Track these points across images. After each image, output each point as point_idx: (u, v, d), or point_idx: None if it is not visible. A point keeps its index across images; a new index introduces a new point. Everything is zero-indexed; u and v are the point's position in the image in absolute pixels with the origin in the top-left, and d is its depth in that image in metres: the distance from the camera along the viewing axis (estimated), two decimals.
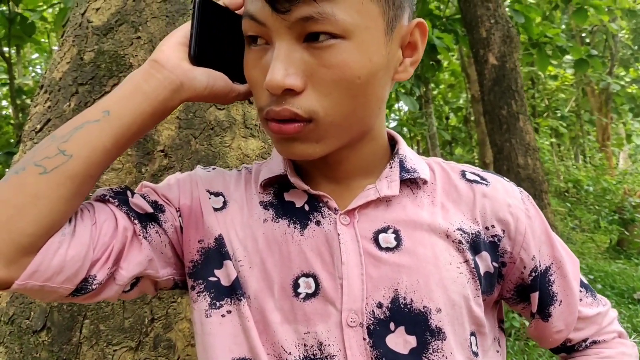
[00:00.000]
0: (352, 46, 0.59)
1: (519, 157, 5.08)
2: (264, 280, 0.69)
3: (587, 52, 7.91)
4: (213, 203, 0.76)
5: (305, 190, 0.72)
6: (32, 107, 1.49)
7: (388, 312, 0.66)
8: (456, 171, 0.78)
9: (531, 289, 0.76)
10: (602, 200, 9.58)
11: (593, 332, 0.80)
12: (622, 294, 6.20)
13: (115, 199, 0.69)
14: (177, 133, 1.32)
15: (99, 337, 1.17)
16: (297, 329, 0.67)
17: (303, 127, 0.61)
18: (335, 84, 0.60)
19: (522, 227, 0.73)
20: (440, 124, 14.72)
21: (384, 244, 0.69)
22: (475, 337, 0.70)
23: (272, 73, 0.58)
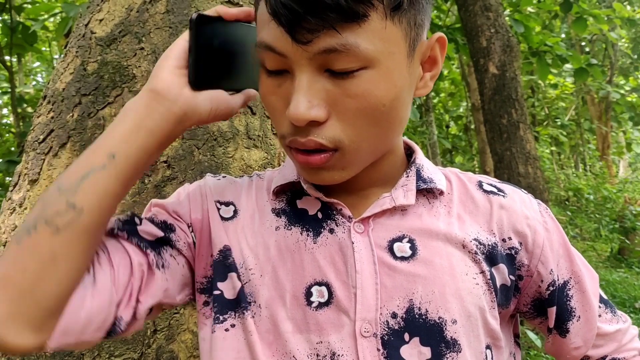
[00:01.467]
0: (376, 74, 0.58)
1: (520, 166, 5.08)
2: (275, 289, 0.68)
3: (586, 60, 7.93)
4: (223, 213, 0.74)
5: (318, 198, 0.71)
6: (35, 117, 1.49)
7: (403, 323, 0.65)
8: (473, 182, 0.77)
9: (548, 304, 0.75)
10: (603, 208, 9.57)
11: (612, 349, 0.78)
12: (624, 302, 6.18)
13: (123, 231, 0.68)
14: (180, 144, 1.32)
15: (102, 349, 1.16)
16: (309, 338, 0.66)
17: (330, 157, 0.61)
18: (359, 112, 0.59)
19: (540, 239, 0.72)
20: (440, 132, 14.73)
21: (399, 253, 0.68)
22: (491, 350, 0.69)
23: (296, 106, 0.57)
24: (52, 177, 1.33)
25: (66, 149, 1.35)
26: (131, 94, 1.38)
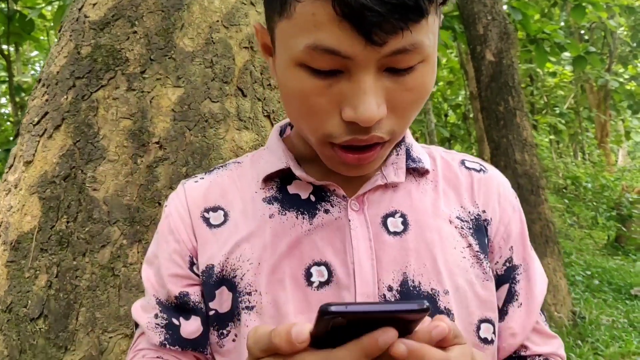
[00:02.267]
0: (429, 66, 0.60)
1: (516, 153, 5.10)
2: (274, 273, 0.69)
3: (585, 49, 7.92)
4: (213, 220, 0.74)
5: (310, 182, 0.72)
6: (30, 100, 1.51)
7: (398, 295, 0.67)
8: (457, 160, 0.79)
9: (503, 280, 0.76)
10: (601, 197, 9.60)
11: (549, 352, 0.78)
12: (620, 289, 6.23)
13: (175, 345, 0.71)
14: (172, 125, 1.34)
15: (95, 325, 1.19)
16: (312, 318, 0.66)
17: (380, 150, 0.62)
18: (413, 104, 0.60)
19: (507, 218, 0.76)
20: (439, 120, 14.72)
21: (392, 228, 0.70)
22: (491, 324, 0.71)
23: (367, 108, 0.56)
24: (47, 159, 1.36)
25: (60, 131, 1.37)
26: (124, 77, 1.40)
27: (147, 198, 1.28)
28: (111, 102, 1.37)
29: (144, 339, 0.74)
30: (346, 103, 0.57)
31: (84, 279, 1.23)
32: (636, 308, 5.42)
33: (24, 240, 1.29)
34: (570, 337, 4.48)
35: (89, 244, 1.26)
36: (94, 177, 1.31)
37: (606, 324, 4.82)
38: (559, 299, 4.91)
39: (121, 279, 1.23)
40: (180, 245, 0.73)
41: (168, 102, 1.37)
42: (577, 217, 10.13)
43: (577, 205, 10.37)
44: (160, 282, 0.73)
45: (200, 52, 1.43)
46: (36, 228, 1.29)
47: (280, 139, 0.76)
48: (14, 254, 1.28)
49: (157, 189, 1.29)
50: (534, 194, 5.03)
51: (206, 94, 1.39)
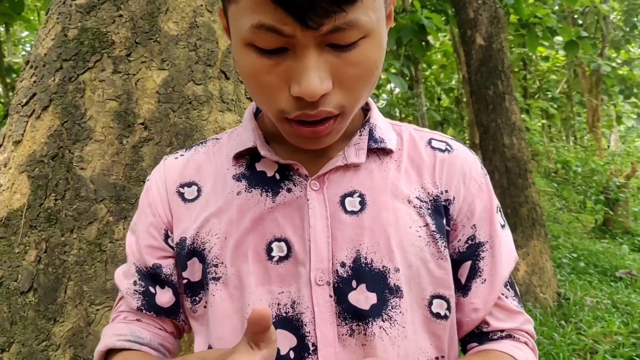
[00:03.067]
0: (372, 42, 0.62)
1: (505, 137, 5.15)
2: (239, 247, 0.73)
3: (577, 33, 7.94)
4: (188, 195, 0.79)
5: (276, 161, 0.76)
6: (18, 82, 1.54)
7: (350, 271, 0.70)
8: (425, 139, 0.81)
9: (465, 257, 0.78)
10: (590, 181, 9.69)
11: (512, 328, 0.79)
12: (605, 272, 6.33)
13: (150, 311, 0.78)
14: (156, 107, 1.38)
15: (83, 298, 1.24)
16: (271, 290, 0.71)
17: (334, 123, 0.65)
18: (359, 78, 0.63)
19: (471, 197, 0.77)
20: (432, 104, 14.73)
21: (350, 208, 0.73)
22: (444, 300, 0.73)
23: (310, 83, 0.59)
24: (35, 139, 1.40)
25: (48, 112, 1.41)
26: (110, 60, 1.44)
27: (132, 177, 1.33)
28: (97, 84, 1.41)
29: (124, 302, 0.80)
30: (292, 79, 0.60)
31: (72, 254, 1.28)
32: (620, 290, 5.52)
33: (13, 217, 1.34)
34: (555, 318, 4.58)
35: (77, 221, 1.30)
36: (81, 157, 1.35)
37: (590, 305, 4.91)
38: (544, 280, 5.00)
39: (108, 254, 1.28)
40: (157, 219, 0.79)
41: (153, 84, 1.41)
42: (566, 200, 10.23)
43: (566, 189, 10.48)
44: (139, 251, 0.79)
45: (185, 36, 1.47)
46: (25, 205, 1.34)
47: (252, 117, 0.80)
48: (3, 231, 1.33)
49: (142, 168, 1.34)
50: (521, 177, 5.09)
51: (190, 77, 1.43)
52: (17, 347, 1.23)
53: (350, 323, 0.70)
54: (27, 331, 1.23)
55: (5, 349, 1.23)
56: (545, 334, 4.19)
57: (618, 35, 15.37)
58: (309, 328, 0.70)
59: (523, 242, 5.02)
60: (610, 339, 4.16)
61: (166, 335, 0.80)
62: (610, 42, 14.57)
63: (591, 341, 4.05)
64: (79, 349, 1.22)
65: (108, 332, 0.78)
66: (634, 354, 3.77)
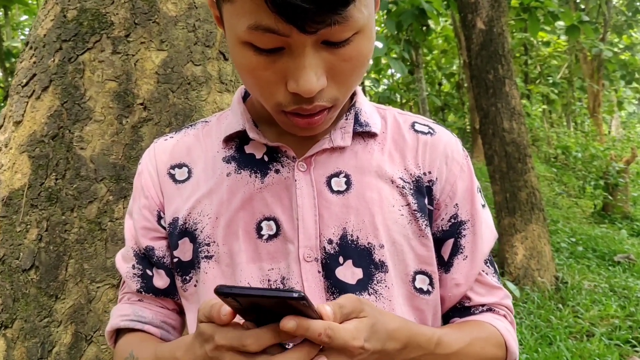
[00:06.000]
0: (364, 36, 0.63)
1: (504, 121, 5.15)
2: (229, 226, 0.76)
3: (579, 18, 7.91)
4: (178, 176, 0.81)
5: (265, 144, 0.78)
6: (18, 63, 1.55)
7: (337, 248, 0.74)
8: (408, 122, 0.83)
9: (448, 235, 0.81)
10: (590, 166, 9.69)
11: (492, 302, 0.83)
12: (603, 256, 6.36)
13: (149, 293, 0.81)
14: (155, 87, 1.39)
15: (84, 275, 1.26)
16: (261, 266, 0.74)
17: (327, 114, 0.68)
18: (352, 72, 0.66)
19: (452, 178, 0.80)
20: (432, 89, 14.70)
21: (336, 187, 0.76)
22: (426, 276, 0.77)
23: (307, 81, 0.61)
24: (35, 119, 1.41)
25: (48, 92, 1.42)
26: (109, 40, 1.44)
27: (132, 157, 1.35)
28: (97, 65, 1.42)
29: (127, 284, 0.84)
30: (289, 77, 0.63)
31: (73, 232, 1.30)
32: (617, 274, 5.56)
33: (15, 197, 1.36)
34: (552, 301, 4.62)
35: (77, 200, 1.32)
36: (81, 137, 1.36)
37: (588, 289, 4.95)
38: (542, 264, 5.03)
39: (108, 232, 1.30)
40: (149, 201, 0.81)
41: (152, 65, 1.42)
42: (565, 186, 10.25)
43: (566, 175, 10.49)
44: (136, 235, 0.82)
45: (183, 17, 1.48)
46: (26, 185, 1.36)
47: (241, 101, 0.82)
48: (5, 210, 1.35)
49: (141, 148, 1.35)
50: (520, 162, 5.10)
51: (189, 58, 1.44)
52: (19, 323, 1.25)
53: (338, 297, 0.71)
54: (29, 308, 1.25)
55: (8, 325, 1.25)
56: (543, 316, 4.23)
57: (620, 19, 15.28)
58: None
59: (522, 226, 5.04)
60: (607, 322, 4.20)
61: (168, 313, 0.83)
62: (612, 27, 14.49)
63: (588, 324, 4.09)
64: (80, 325, 1.25)
65: (114, 314, 0.82)
66: (630, 337, 3.81)
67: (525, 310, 4.42)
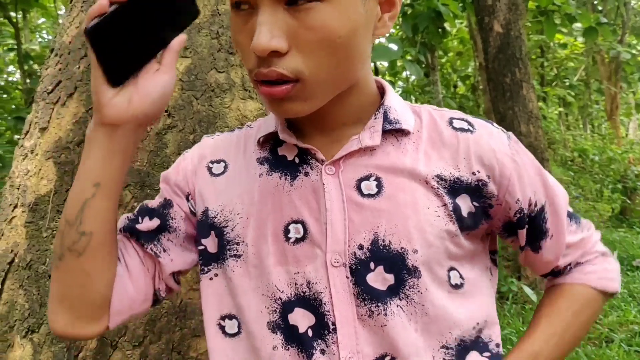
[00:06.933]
0: (330, 8, 0.63)
1: (522, 125, 5.12)
2: (259, 228, 0.77)
3: (596, 19, 7.83)
4: (215, 170, 0.84)
5: (295, 144, 0.78)
6: (43, 69, 1.57)
7: (368, 253, 0.72)
8: (445, 119, 0.81)
9: (518, 226, 0.81)
10: (607, 169, 9.59)
11: (578, 256, 0.86)
12: (622, 261, 6.28)
13: (127, 231, 0.84)
14: (180, 94, 1.40)
15: None
16: (288, 270, 0.74)
17: (292, 88, 0.66)
18: (317, 44, 0.64)
19: (507, 172, 0.77)
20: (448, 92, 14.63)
21: (366, 191, 0.74)
22: (457, 270, 0.76)
23: (258, 37, 0.62)
24: (61, 125, 1.42)
25: (73, 99, 1.44)
26: None
27: (156, 163, 1.35)
28: None
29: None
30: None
31: None
32: (637, 279, 5.49)
33: (41, 203, 1.37)
34: None
35: None
36: None
37: None
38: None
39: None
40: (183, 182, 0.86)
41: (176, 72, 1.43)
42: (582, 189, 10.14)
43: (583, 178, 10.38)
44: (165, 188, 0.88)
45: (207, 24, 1.49)
46: (52, 191, 1.37)
47: None
48: (32, 215, 1.36)
49: (166, 155, 1.36)
50: None
51: (212, 65, 1.45)
52: (46, 328, 1.26)
53: (370, 304, 0.72)
54: None
55: (35, 330, 1.26)
56: None
57: (639, 21, 15.10)
58: (328, 307, 0.73)
59: None
60: (626, 328, 4.15)
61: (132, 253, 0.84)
62: (630, 29, 14.31)
63: (607, 330, 4.04)
64: None
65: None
66: None
67: None
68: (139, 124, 0.71)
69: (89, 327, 0.77)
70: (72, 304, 0.75)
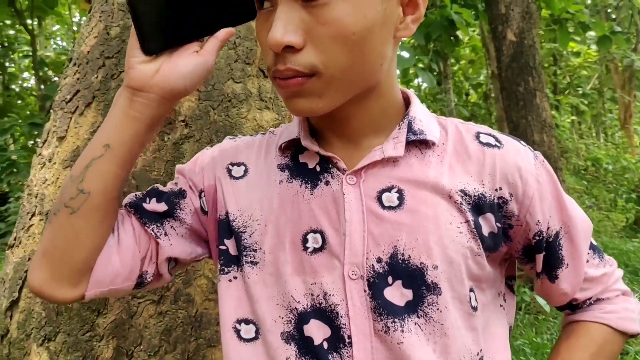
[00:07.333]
0: (346, 4, 0.63)
1: (535, 134, 5.09)
2: (277, 236, 0.75)
3: (610, 28, 7.78)
4: (235, 173, 0.83)
5: (317, 152, 0.77)
6: (62, 79, 1.58)
7: (387, 267, 0.70)
8: (471, 132, 0.79)
9: (536, 251, 0.78)
10: (621, 179, 9.51)
11: (598, 292, 0.82)
12: (636, 271, 6.21)
13: (132, 208, 0.82)
14: (197, 104, 1.41)
15: None
16: (305, 280, 0.73)
17: (306, 81, 0.65)
18: (331, 39, 0.64)
19: (530, 191, 0.75)
20: (460, 100, 14.60)
21: (387, 203, 0.72)
22: (474, 292, 0.74)
23: (272, 31, 0.63)
24: (79, 134, 1.44)
25: (91, 108, 1.45)
26: None
27: (173, 173, 1.35)
28: None
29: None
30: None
31: None
32: None
33: None
34: None
35: None
36: None
37: None
38: None
39: None
40: (198, 178, 0.85)
41: None
42: (596, 198, 10.06)
43: (596, 187, 10.30)
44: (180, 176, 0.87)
45: None
46: None
47: None
48: None
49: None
50: None
51: (229, 75, 1.45)
52: (62, 336, 1.27)
53: (386, 319, 0.70)
54: (72, 321, 1.27)
55: (51, 338, 1.27)
56: None
57: None
58: (344, 320, 0.71)
59: None
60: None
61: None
62: None
63: None
64: (121, 340, 1.26)
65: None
66: None
67: (555, 325, 4.34)
68: (162, 97, 0.71)
69: (64, 290, 0.75)
70: (53, 262, 0.74)
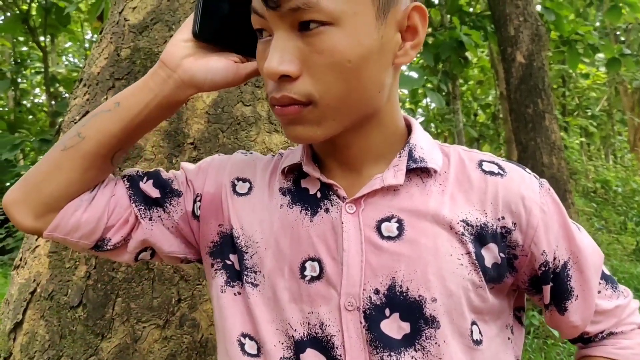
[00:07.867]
0: (340, 32, 0.63)
1: (544, 156, 5.06)
2: (276, 261, 0.74)
3: (620, 50, 7.79)
4: (239, 189, 0.82)
5: (318, 179, 0.75)
6: (71, 99, 1.59)
7: (384, 299, 0.69)
8: (474, 160, 0.77)
9: (543, 282, 0.76)
10: (631, 201, 9.43)
11: (611, 325, 0.80)
12: None
13: (128, 181, 0.83)
14: (206, 127, 1.41)
15: (130, 315, 1.26)
16: (302, 308, 0.71)
17: (302, 109, 0.65)
18: (327, 68, 0.64)
19: (535, 221, 0.72)
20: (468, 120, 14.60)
21: (386, 233, 0.71)
22: (477, 325, 0.71)
23: (269, 61, 0.64)
24: None
25: None
26: None
27: None
28: None
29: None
30: None
31: (121, 271, 1.30)
32: None
33: None
34: None
35: None
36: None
37: None
38: None
39: (155, 272, 1.30)
40: (198, 183, 0.85)
41: (203, 104, 1.43)
42: (605, 221, 9.97)
43: (606, 210, 10.21)
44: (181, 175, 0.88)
45: None
46: None
47: None
48: (55, 245, 1.36)
49: None
50: (560, 197, 4.96)
51: (239, 98, 1.45)
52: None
53: (382, 352, 0.68)
54: (75, 345, 1.26)
55: None
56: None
57: None
58: (340, 352, 0.69)
59: None
60: None
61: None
62: None
63: None
64: None
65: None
66: None
67: (565, 351, 4.27)
68: (181, 79, 0.74)
69: (28, 217, 0.78)
70: (29, 186, 0.78)
